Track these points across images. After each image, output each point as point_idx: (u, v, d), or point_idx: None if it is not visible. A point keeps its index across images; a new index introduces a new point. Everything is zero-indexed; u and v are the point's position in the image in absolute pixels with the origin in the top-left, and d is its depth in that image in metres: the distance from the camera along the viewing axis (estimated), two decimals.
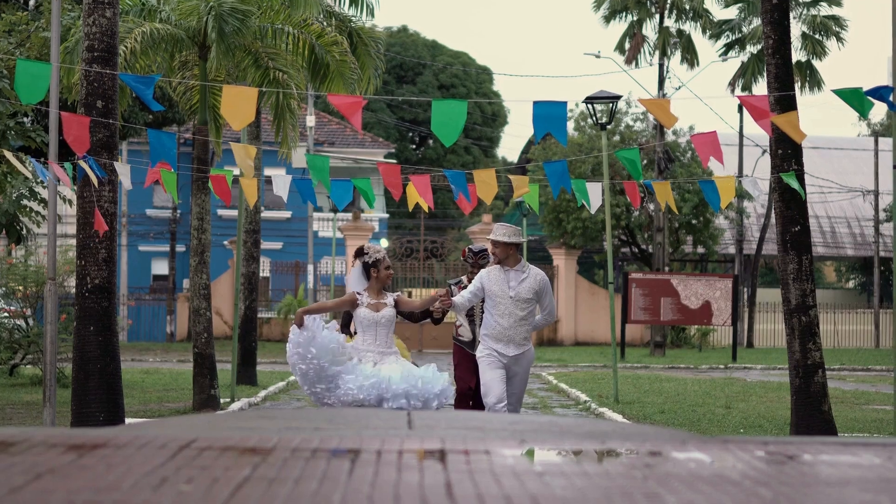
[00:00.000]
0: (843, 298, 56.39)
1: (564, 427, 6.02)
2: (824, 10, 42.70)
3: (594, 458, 5.11)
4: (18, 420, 15.77)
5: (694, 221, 43.47)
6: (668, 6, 41.11)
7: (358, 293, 11.26)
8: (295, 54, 19.39)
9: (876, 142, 49.10)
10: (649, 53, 41.34)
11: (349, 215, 45.14)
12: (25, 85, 10.73)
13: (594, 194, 13.95)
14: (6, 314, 22.67)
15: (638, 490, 4.27)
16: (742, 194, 42.24)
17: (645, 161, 41.44)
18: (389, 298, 11.25)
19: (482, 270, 11.46)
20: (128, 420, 13.84)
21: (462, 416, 8.27)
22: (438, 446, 5.23)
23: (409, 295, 33.19)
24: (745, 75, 42.46)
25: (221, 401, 18.70)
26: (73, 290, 13.56)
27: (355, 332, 11.53)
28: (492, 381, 11.26)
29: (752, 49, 42.70)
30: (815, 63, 42.24)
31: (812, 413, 12.65)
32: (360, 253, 11.38)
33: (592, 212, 14.64)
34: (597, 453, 5.21)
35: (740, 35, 43.20)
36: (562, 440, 5.54)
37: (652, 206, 40.44)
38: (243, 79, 19.19)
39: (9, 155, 12.68)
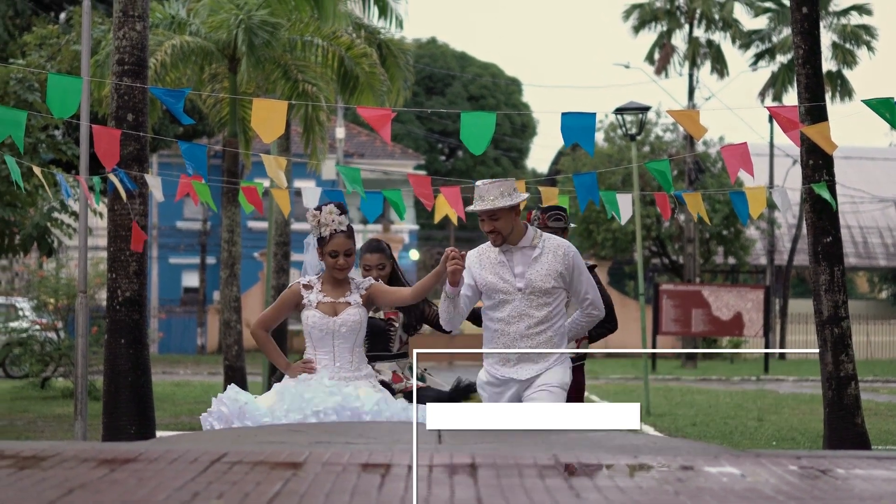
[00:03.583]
0: (876, 309, 56.06)
1: (596, 441, 5.99)
2: (854, 19, 42.56)
3: (626, 473, 5.08)
4: (50, 433, 15.83)
5: (725, 232, 43.32)
6: (697, 16, 41.07)
7: (304, 285, 7.23)
8: (324, 66, 19.45)
9: None
10: (679, 64, 41.33)
11: (379, 227, 45.20)
12: (57, 99, 10.76)
13: (624, 205, 13.90)
14: (37, 327, 22.76)
15: None
16: (772, 205, 42.08)
17: (675, 172, 41.36)
18: (355, 294, 7.16)
19: (470, 254, 7.14)
20: (159, 433, 13.85)
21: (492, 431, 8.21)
22: (469, 461, 5.21)
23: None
24: (776, 85, 42.36)
25: None
26: (105, 303, 13.57)
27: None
28: None
29: (782, 59, 42.58)
30: (846, 72, 42.09)
31: (845, 426, 12.55)
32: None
33: (623, 223, 14.58)
34: (629, 467, 5.18)
35: (770, 45, 43.10)
36: (594, 454, 5.52)
37: (682, 217, 40.35)
38: (273, 91, 19.26)
39: (37, 170, 12.72)
